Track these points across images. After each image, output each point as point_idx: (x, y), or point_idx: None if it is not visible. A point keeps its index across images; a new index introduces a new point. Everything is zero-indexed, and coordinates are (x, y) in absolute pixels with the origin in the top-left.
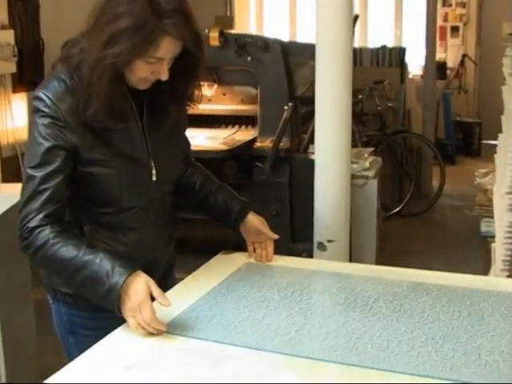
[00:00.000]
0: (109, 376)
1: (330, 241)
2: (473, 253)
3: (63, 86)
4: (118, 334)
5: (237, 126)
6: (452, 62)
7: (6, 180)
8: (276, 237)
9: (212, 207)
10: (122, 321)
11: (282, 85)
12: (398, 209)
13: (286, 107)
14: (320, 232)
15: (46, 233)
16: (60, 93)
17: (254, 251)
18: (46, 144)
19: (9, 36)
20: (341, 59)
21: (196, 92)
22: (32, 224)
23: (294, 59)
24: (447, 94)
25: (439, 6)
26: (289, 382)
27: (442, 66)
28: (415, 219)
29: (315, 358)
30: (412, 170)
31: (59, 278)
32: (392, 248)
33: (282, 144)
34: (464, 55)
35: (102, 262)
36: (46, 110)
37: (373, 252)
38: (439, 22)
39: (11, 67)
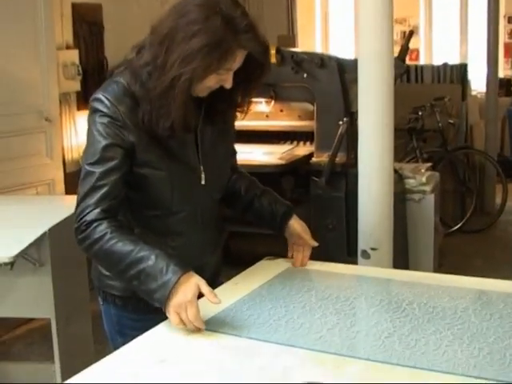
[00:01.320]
0: (142, 368)
1: (373, 249)
2: None
3: (122, 88)
4: (156, 330)
5: (295, 142)
6: None
7: (69, 193)
8: (315, 244)
9: (258, 210)
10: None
11: (337, 101)
12: (459, 225)
13: (340, 122)
14: (364, 240)
15: (104, 227)
16: (119, 95)
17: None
18: (105, 142)
19: (74, 56)
20: (381, 71)
21: (249, 104)
22: (89, 217)
23: (350, 75)
24: None
25: (505, 22)
26: (315, 378)
27: (507, 83)
28: (477, 236)
29: (342, 355)
30: (474, 187)
31: (111, 271)
32: (451, 264)
33: (337, 159)
34: None
35: (157, 259)
36: (105, 110)
37: (430, 266)
38: (505, 39)
39: (76, 86)
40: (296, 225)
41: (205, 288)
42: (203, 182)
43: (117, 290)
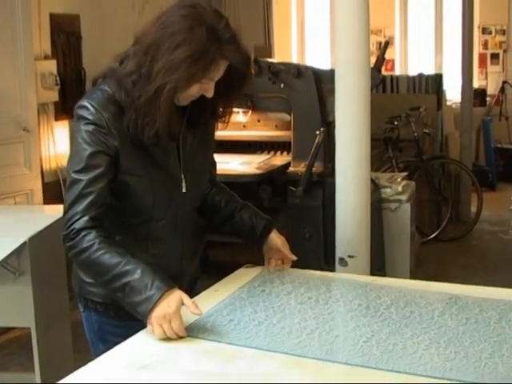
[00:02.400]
0: (123, 375)
1: (350, 256)
2: None
3: (106, 95)
4: (137, 337)
5: (272, 152)
6: (492, 89)
7: (47, 203)
8: (294, 258)
9: (237, 224)
10: None
11: (314, 111)
12: (435, 234)
13: (317, 132)
14: (341, 248)
15: (92, 236)
16: (103, 102)
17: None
18: (90, 149)
19: (52, 66)
20: (358, 81)
21: (230, 114)
22: (78, 225)
23: (326, 86)
24: (487, 120)
25: (479, 33)
26: (294, 381)
27: (481, 93)
28: (452, 244)
29: (322, 359)
30: (449, 196)
31: (97, 280)
32: (428, 272)
33: (314, 168)
34: (504, 82)
35: (143, 274)
36: (90, 117)
37: (407, 274)
38: (479, 50)
39: (54, 96)
40: (276, 238)
41: (187, 300)
42: (184, 190)
43: (98, 296)
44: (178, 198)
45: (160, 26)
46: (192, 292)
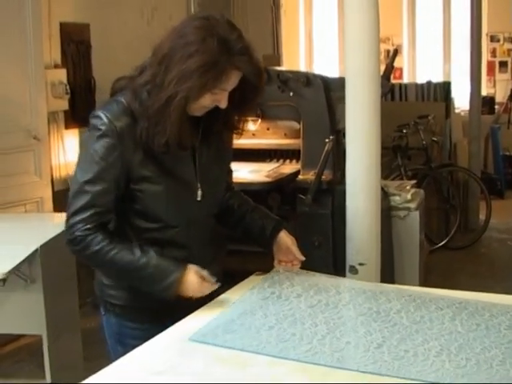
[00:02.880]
0: (137, 381)
1: (361, 264)
2: None
3: (121, 107)
4: (151, 343)
5: (281, 160)
6: (501, 96)
7: (57, 211)
8: (303, 258)
9: (248, 224)
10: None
11: (323, 119)
12: (443, 242)
13: (327, 140)
14: (351, 256)
15: (99, 239)
16: (117, 113)
17: None
18: (101, 163)
19: (61, 75)
20: (368, 89)
21: (244, 124)
22: (82, 232)
23: (336, 94)
24: (495, 128)
25: (488, 41)
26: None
27: (490, 101)
28: (461, 252)
29: (333, 366)
30: (458, 204)
31: (112, 278)
32: (437, 280)
33: (323, 176)
34: None
35: (158, 263)
36: (102, 127)
37: (416, 282)
38: (488, 58)
39: (64, 104)
40: (285, 237)
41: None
42: (199, 199)
43: (117, 299)
44: (193, 206)
45: (174, 37)
46: (212, 298)
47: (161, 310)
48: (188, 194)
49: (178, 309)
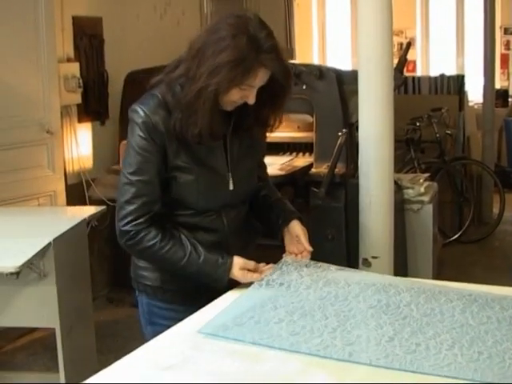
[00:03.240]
0: (148, 375)
1: (374, 257)
2: None
3: (156, 101)
4: (161, 337)
5: (294, 153)
6: None
7: (70, 205)
8: (311, 249)
9: (267, 212)
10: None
11: (336, 112)
12: (457, 235)
13: (339, 133)
14: (365, 248)
15: (152, 235)
16: (153, 106)
17: None
18: (142, 154)
19: (74, 68)
20: (381, 82)
21: (277, 120)
22: (135, 227)
23: (349, 87)
24: (509, 121)
25: (501, 34)
26: (319, 382)
27: (503, 94)
28: (475, 246)
29: (345, 360)
30: (471, 197)
31: (159, 268)
32: (450, 274)
33: (336, 169)
34: None
35: (205, 260)
36: (139, 120)
37: (429, 276)
38: (501, 50)
39: (77, 98)
40: (297, 226)
41: (249, 265)
42: (231, 188)
43: (147, 279)
44: (225, 194)
45: (208, 32)
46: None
47: (192, 293)
48: (220, 183)
49: (208, 291)
